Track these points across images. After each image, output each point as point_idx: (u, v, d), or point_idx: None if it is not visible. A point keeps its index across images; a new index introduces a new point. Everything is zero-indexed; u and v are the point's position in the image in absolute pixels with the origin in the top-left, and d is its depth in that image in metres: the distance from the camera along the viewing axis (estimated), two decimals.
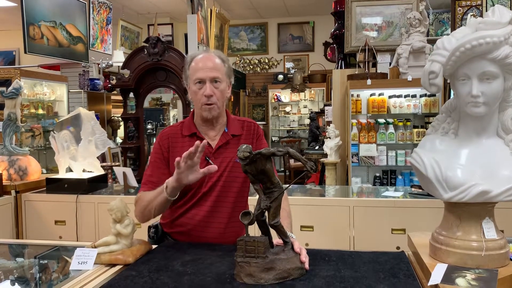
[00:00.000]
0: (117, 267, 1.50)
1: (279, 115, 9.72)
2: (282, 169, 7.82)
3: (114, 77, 6.47)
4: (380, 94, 4.41)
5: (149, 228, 1.92)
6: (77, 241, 3.09)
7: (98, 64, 6.62)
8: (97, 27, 6.77)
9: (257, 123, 1.98)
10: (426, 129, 4.29)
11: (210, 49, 2.17)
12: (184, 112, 4.63)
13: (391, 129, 4.32)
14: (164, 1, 8.25)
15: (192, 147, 1.52)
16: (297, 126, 9.52)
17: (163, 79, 4.41)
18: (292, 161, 7.59)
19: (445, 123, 1.40)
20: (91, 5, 6.57)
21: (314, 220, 2.94)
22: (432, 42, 4.43)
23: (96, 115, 3.36)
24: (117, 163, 5.14)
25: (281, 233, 1.42)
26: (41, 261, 1.81)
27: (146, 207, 1.73)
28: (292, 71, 9.67)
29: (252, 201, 2.05)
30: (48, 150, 5.40)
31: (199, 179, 1.62)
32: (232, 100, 8.59)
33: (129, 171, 3.41)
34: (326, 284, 1.29)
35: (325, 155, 4.57)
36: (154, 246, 1.71)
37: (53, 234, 3.23)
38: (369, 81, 4.25)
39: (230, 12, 9.18)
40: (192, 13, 5.36)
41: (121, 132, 6.63)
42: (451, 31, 5.09)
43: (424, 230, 1.63)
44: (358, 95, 4.42)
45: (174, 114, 8.06)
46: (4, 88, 3.51)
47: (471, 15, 4.86)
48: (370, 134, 4.31)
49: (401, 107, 4.37)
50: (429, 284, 1.21)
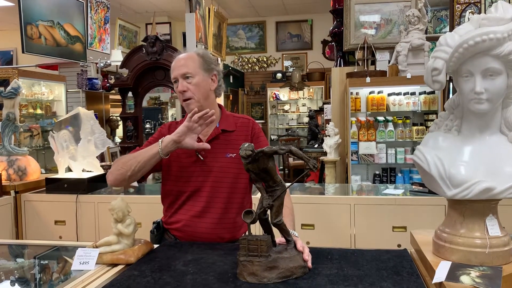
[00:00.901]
0: (119, 267, 1.49)
1: (278, 113, 9.72)
2: (282, 167, 7.82)
3: (113, 77, 6.46)
4: (379, 92, 4.40)
5: (153, 223, 1.94)
6: (77, 241, 3.08)
7: (96, 64, 6.60)
8: (95, 26, 6.75)
9: (254, 120, 1.98)
10: (426, 126, 4.30)
11: (191, 49, 2.25)
12: (183, 111, 4.62)
13: (390, 127, 4.32)
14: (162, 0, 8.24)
15: (201, 112, 1.64)
16: (296, 125, 9.52)
17: (162, 78, 4.39)
18: (291, 160, 7.58)
19: (448, 120, 1.39)
20: (89, 4, 6.55)
21: (315, 219, 2.93)
22: (431, 39, 4.43)
23: (94, 114, 3.35)
24: None
25: (284, 231, 1.42)
26: (41, 262, 1.80)
27: (126, 162, 1.73)
28: (291, 70, 9.67)
29: (254, 200, 2.05)
30: (46, 150, 5.39)
31: (190, 150, 1.74)
32: (231, 98, 8.58)
33: None
34: (330, 282, 1.28)
35: (325, 153, 4.57)
36: (156, 246, 1.70)
37: (53, 234, 3.22)
38: (368, 79, 4.24)
39: (228, 10, 9.16)
40: (190, 12, 5.34)
41: (119, 131, 6.62)
42: (450, 29, 5.10)
43: (425, 228, 1.63)
44: (357, 93, 4.41)
45: (173, 113, 8.03)
46: (2, 88, 3.50)
47: (469, 12, 4.86)
48: (369, 132, 4.31)
49: (400, 104, 4.36)
50: (433, 282, 1.20)
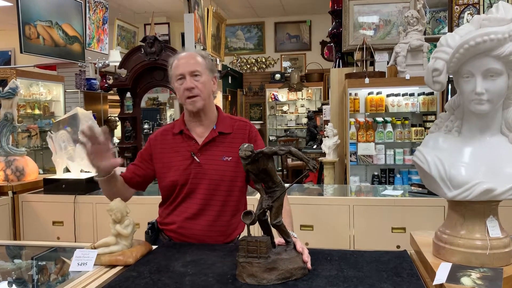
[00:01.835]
0: (117, 268, 1.48)
1: (277, 114, 9.71)
2: (280, 168, 7.81)
3: (111, 77, 6.44)
4: (378, 93, 4.40)
5: (148, 224, 1.94)
6: (75, 242, 3.07)
7: (95, 64, 6.58)
8: (94, 26, 6.74)
9: (251, 123, 1.97)
10: (424, 127, 4.30)
11: (191, 50, 2.27)
12: (181, 112, 4.60)
13: (389, 127, 4.32)
14: (160, 0, 8.22)
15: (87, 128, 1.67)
16: (295, 126, 9.52)
17: (161, 78, 4.37)
18: (289, 161, 7.57)
19: (448, 121, 1.38)
20: (87, 5, 6.54)
21: (314, 220, 2.93)
22: (429, 40, 4.43)
23: (93, 115, 3.34)
24: None
25: (283, 232, 1.41)
26: (39, 263, 1.79)
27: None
28: (289, 70, 9.67)
29: (252, 201, 2.04)
30: (44, 150, 5.37)
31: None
32: (229, 99, 8.57)
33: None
34: (329, 284, 1.27)
35: (323, 154, 4.57)
36: (154, 247, 1.69)
37: (51, 235, 3.21)
38: (367, 80, 4.24)
39: (227, 11, 9.16)
40: (189, 12, 5.33)
41: (118, 132, 6.60)
42: (448, 30, 5.10)
43: (424, 229, 1.63)
44: (356, 94, 4.41)
45: (171, 114, 8.02)
46: (0, 88, 3.49)
47: (468, 14, 4.86)
48: (368, 133, 4.30)
49: (399, 105, 4.36)
50: (434, 283, 1.19)
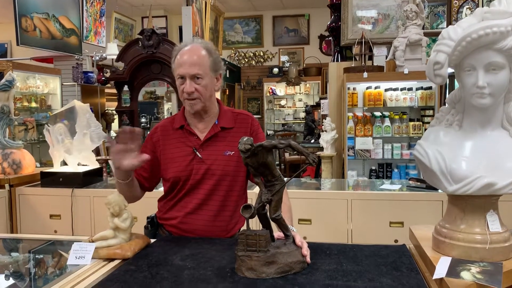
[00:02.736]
0: (116, 262, 1.47)
1: (274, 108, 9.70)
2: (277, 162, 7.81)
3: (108, 70, 6.41)
4: (376, 87, 4.39)
5: (147, 218, 1.92)
6: (72, 235, 3.07)
7: (92, 57, 6.56)
8: (91, 19, 6.69)
9: (253, 116, 1.95)
10: (422, 122, 4.30)
11: (198, 39, 2.14)
12: (179, 106, 4.59)
13: (387, 122, 4.32)
14: None
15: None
16: (292, 120, 9.51)
17: (158, 71, 4.35)
18: (287, 155, 7.57)
19: (449, 115, 1.37)
20: None
21: (312, 214, 2.93)
22: (428, 35, 4.42)
23: (90, 108, 3.32)
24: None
25: (283, 226, 1.40)
26: (36, 256, 1.78)
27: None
28: (287, 64, 9.65)
29: (251, 195, 2.04)
30: (41, 143, 5.35)
31: (134, 168, 1.66)
32: (227, 93, 8.55)
33: None
34: (328, 278, 1.27)
35: (321, 149, 4.57)
36: (153, 240, 1.68)
37: (48, 228, 3.20)
38: (365, 74, 4.23)
39: (225, 4, 9.12)
40: (187, 5, 5.31)
41: (115, 125, 6.58)
42: (447, 25, 5.09)
43: (422, 223, 1.63)
44: (354, 88, 4.40)
45: (168, 108, 8.01)
46: None
47: (467, 8, 4.85)
48: (366, 127, 4.30)
49: (397, 100, 4.35)
50: (434, 277, 1.19)
